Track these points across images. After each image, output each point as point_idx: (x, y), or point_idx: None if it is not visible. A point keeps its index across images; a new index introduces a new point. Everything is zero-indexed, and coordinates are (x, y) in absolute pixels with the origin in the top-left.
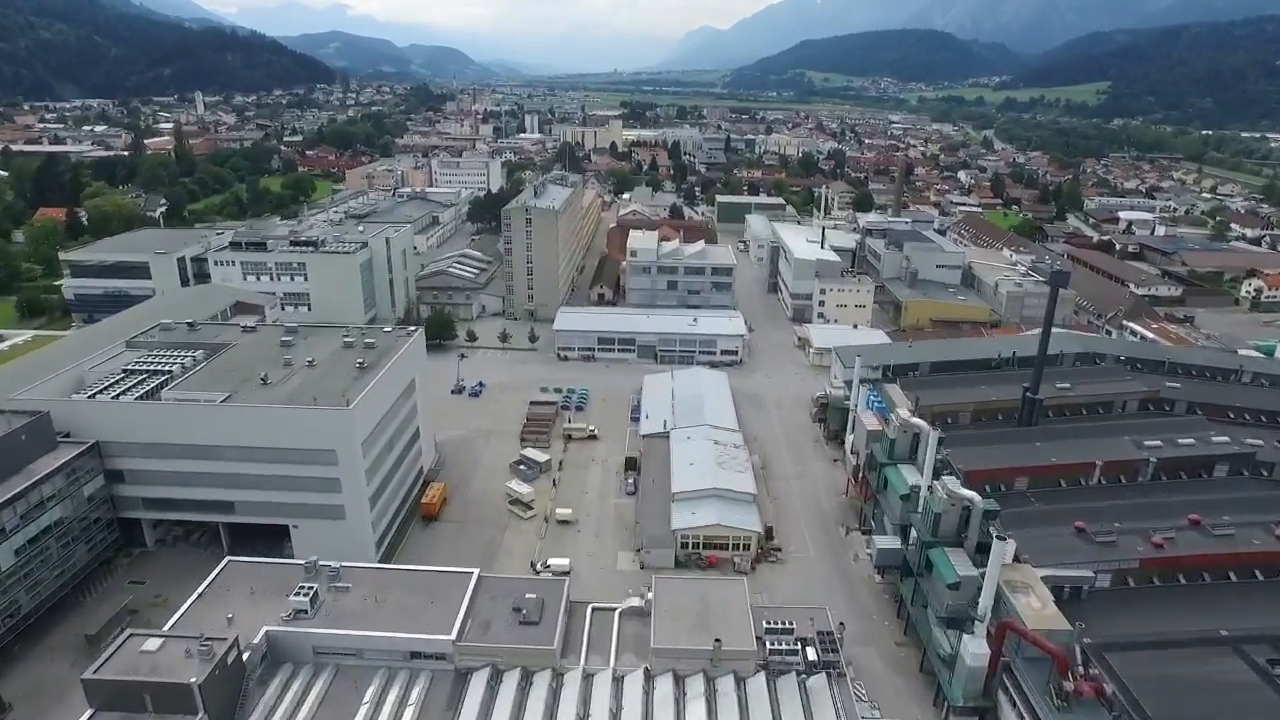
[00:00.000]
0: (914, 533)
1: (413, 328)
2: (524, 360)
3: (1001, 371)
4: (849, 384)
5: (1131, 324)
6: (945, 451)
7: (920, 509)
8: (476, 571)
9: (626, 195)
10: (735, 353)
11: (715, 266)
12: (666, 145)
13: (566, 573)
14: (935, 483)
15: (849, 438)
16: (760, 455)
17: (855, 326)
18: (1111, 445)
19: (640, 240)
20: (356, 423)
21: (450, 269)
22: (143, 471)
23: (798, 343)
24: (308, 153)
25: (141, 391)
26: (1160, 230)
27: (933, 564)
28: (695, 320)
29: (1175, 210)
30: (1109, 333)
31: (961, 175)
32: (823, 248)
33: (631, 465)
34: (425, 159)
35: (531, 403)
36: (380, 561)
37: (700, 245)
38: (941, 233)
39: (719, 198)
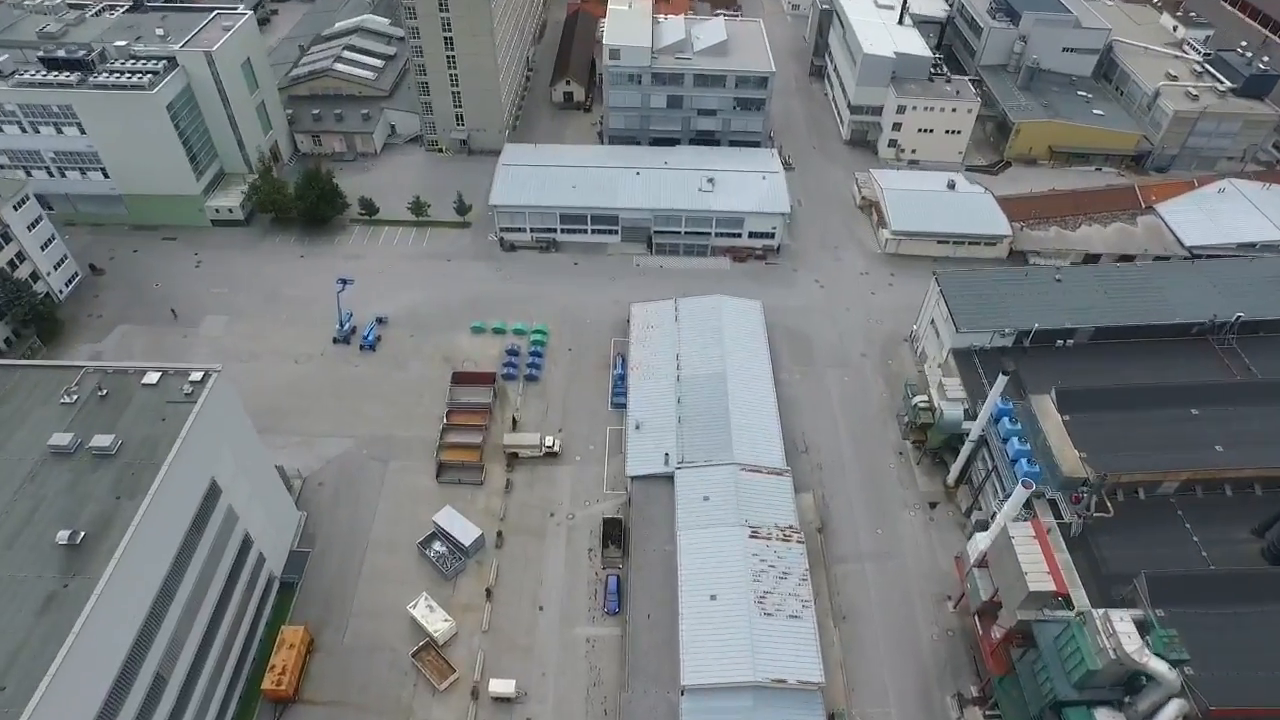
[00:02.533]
0: None
1: (210, 370)
2: (448, 254)
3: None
4: (961, 364)
5: None
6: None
7: None
8: None
9: None
10: (771, 236)
11: (743, 75)
12: None
13: None
14: None
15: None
16: (815, 492)
17: (952, 187)
18: None
19: (622, 24)
20: None
21: (337, 65)
22: None
23: (860, 202)
24: None
25: None
26: None
27: None
28: (711, 183)
29: None
30: None
31: None
32: (902, 22)
33: (612, 535)
34: None
35: (455, 377)
36: None
37: (717, 22)
38: None
39: None
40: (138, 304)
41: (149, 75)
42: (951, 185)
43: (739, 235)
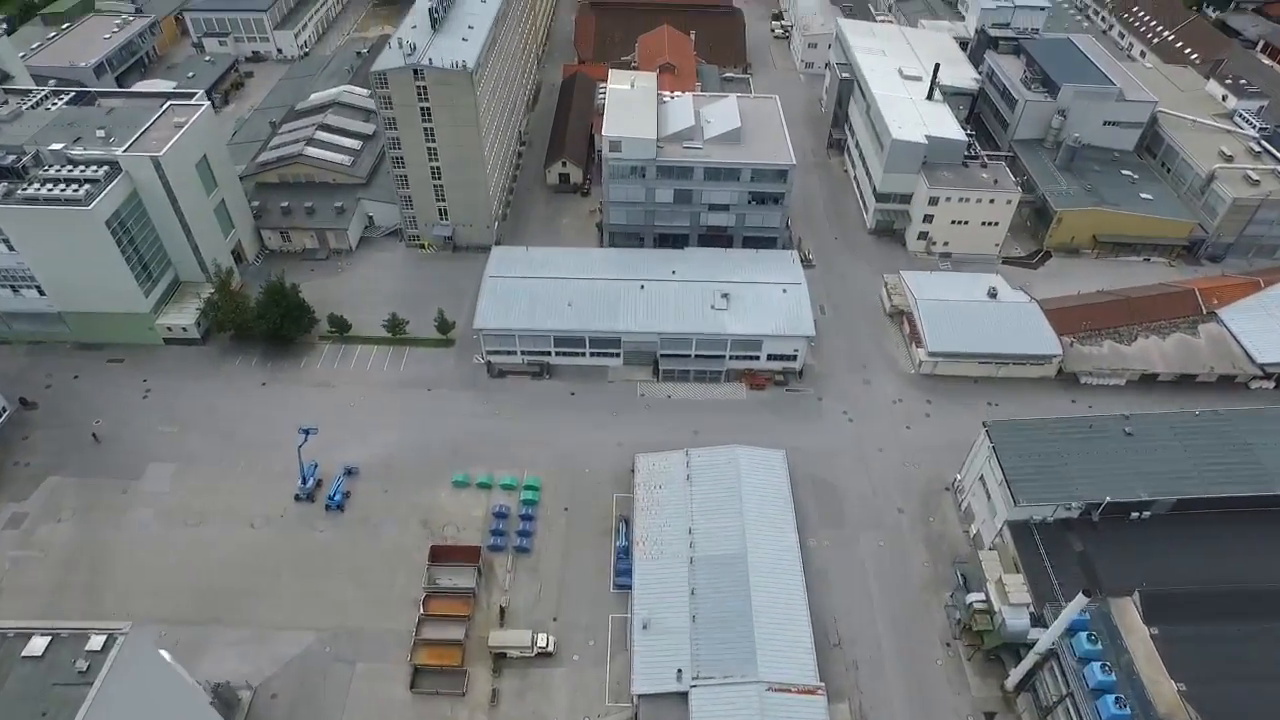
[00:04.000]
0: None
1: (115, 632)
2: (429, 381)
3: None
4: (1020, 542)
5: None
6: None
7: None
8: None
9: None
10: (793, 359)
11: (759, 168)
12: None
13: None
14: None
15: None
16: (852, 700)
17: (993, 295)
18: None
19: (623, 110)
20: None
21: (308, 150)
22: None
23: (890, 309)
24: None
25: None
26: None
27: None
28: (725, 299)
29: None
30: None
31: None
32: (931, 97)
33: None
34: None
35: (434, 552)
36: None
37: (729, 103)
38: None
39: None
40: (73, 449)
41: (86, 185)
42: (993, 294)
43: (756, 358)
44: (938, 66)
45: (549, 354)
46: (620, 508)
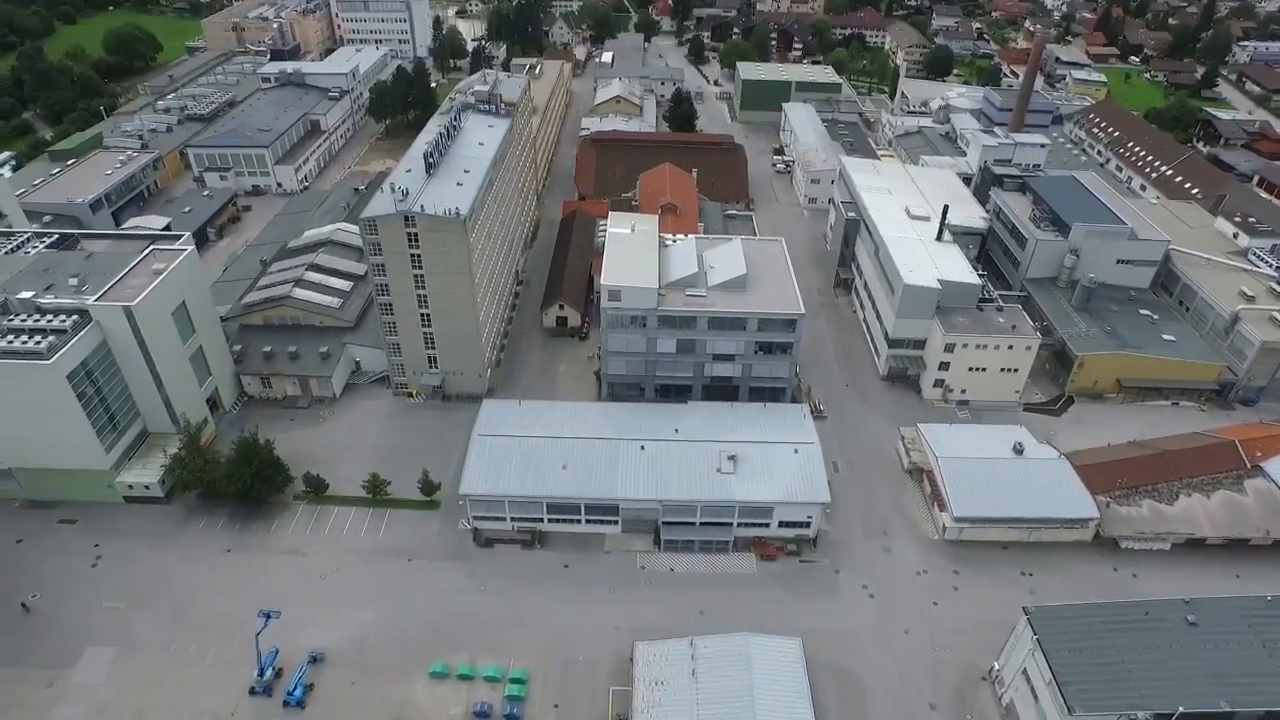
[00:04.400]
0: None
1: None
2: (410, 550)
3: None
4: None
5: None
6: None
7: None
8: None
9: (608, 57)
10: (806, 526)
11: (767, 318)
12: None
13: None
14: None
15: None
16: None
17: (1019, 452)
18: None
19: (624, 257)
20: None
21: (296, 292)
22: None
23: (908, 465)
24: None
25: None
26: None
27: None
28: (733, 462)
29: None
30: None
31: None
32: (941, 237)
33: None
34: None
35: None
36: None
37: (734, 247)
38: (1057, 118)
39: (743, 72)
40: (2, 630)
41: (50, 337)
42: (1019, 450)
43: (767, 524)
44: (947, 208)
45: (541, 520)
46: (617, 705)
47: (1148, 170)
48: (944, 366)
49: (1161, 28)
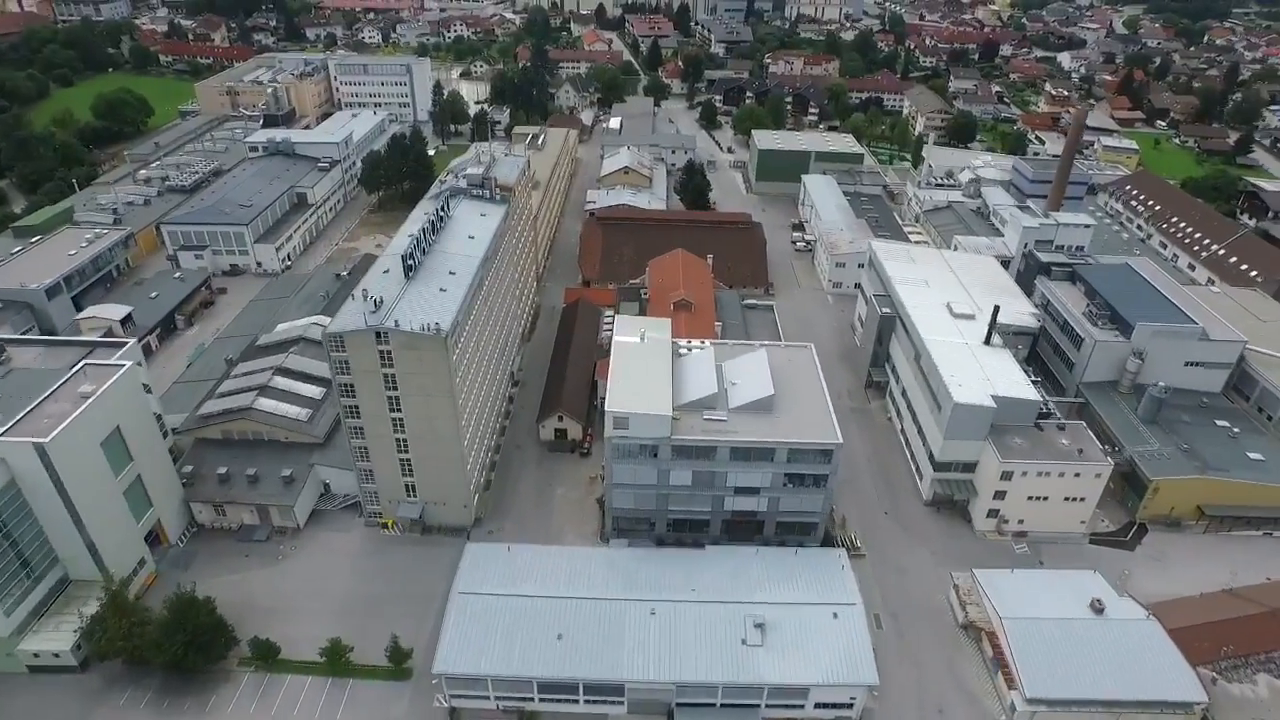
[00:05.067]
0: None
1: None
2: None
3: None
4: None
5: None
6: None
7: None
8: None
9: (615, 123)
10: (848, 707)
11: (798, 448)
12: (671, 11)
13: None
14: None
15: None
16: None
17: (1099, 610)
18: None
19: (631, 376)
20: None
21: (260, 402)
22: None
23: (963, 621)
24: (184, 24)
25: None
26: None
27: None
28: (760, 630)
29: None
30: None
31: (1065, 60)
32: (990, 342)
33: None
34: (329, 54)
35: None
36: None
37: (758, 359)
38: (1091, 189)
39: (758, 141)
40: None
41: None
42: (1098, 609)
43: (801, 706)
44: (997, 309)
45: (531, 699)
46: None
47: (1196, 249)
48: (999, 495)
49: (1184, 91)
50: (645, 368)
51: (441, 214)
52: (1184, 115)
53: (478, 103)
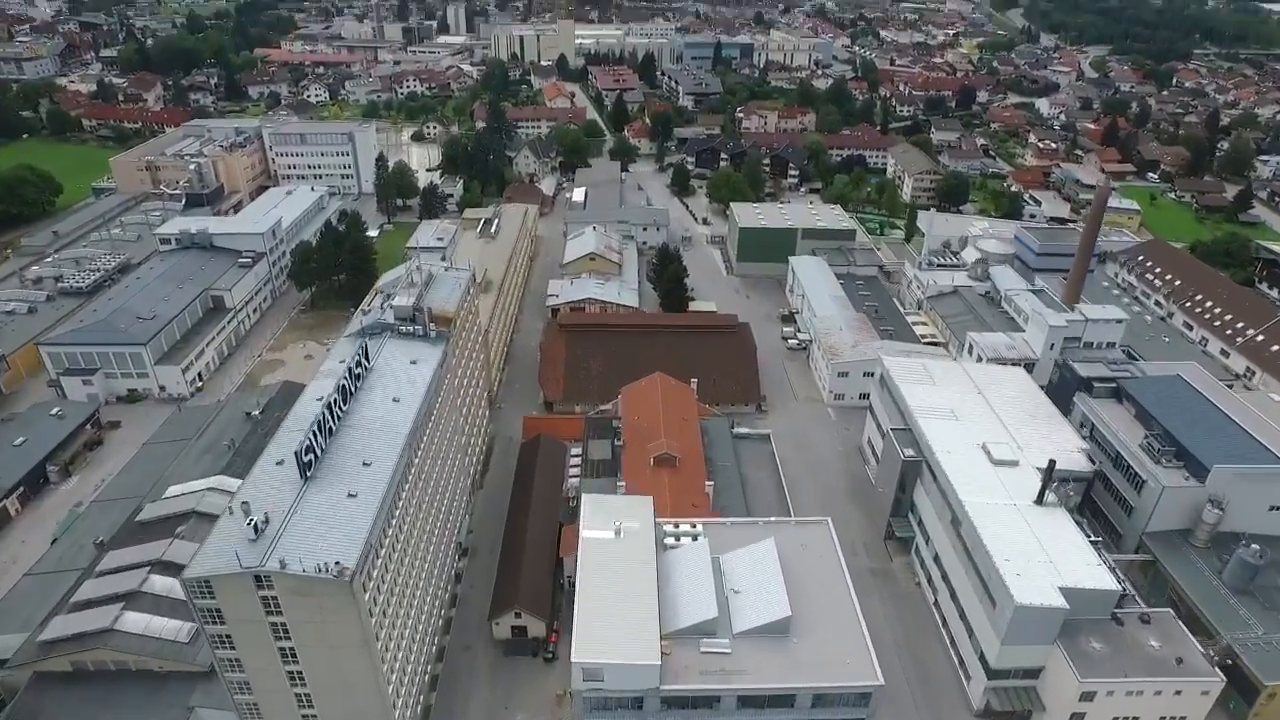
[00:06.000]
0: None
1: None
2: None
3: None
4: None
5: None
6: None
7: None
8: None
9: (579, 194)
10: None
11: (825, 693)
12: (635, 61)
13: None
14: None
15: None
16: None
17: None
18: None
19: (603, 588)
20: None
21: (126, 618)
22: None
23: None
24: (115, 82)
25: None
26: None
27: None
28: None
29: None
30: None
31: (1044, 106)
32: (1044, 500)
33: None
34: (266, 117)
35: None
36: None
37: (766, 550)
38: (1099, 257)
39: (739, 217)
40: None
41: None
42: None
43: None
44: (1052, 465)
45: None
46: None
47: (1229, 332)
48: (1076, 717)
49: (1170, 140)
50: (622, 579)
51: (357, 370)
52: (1175, 167)
53: (430, 169)
